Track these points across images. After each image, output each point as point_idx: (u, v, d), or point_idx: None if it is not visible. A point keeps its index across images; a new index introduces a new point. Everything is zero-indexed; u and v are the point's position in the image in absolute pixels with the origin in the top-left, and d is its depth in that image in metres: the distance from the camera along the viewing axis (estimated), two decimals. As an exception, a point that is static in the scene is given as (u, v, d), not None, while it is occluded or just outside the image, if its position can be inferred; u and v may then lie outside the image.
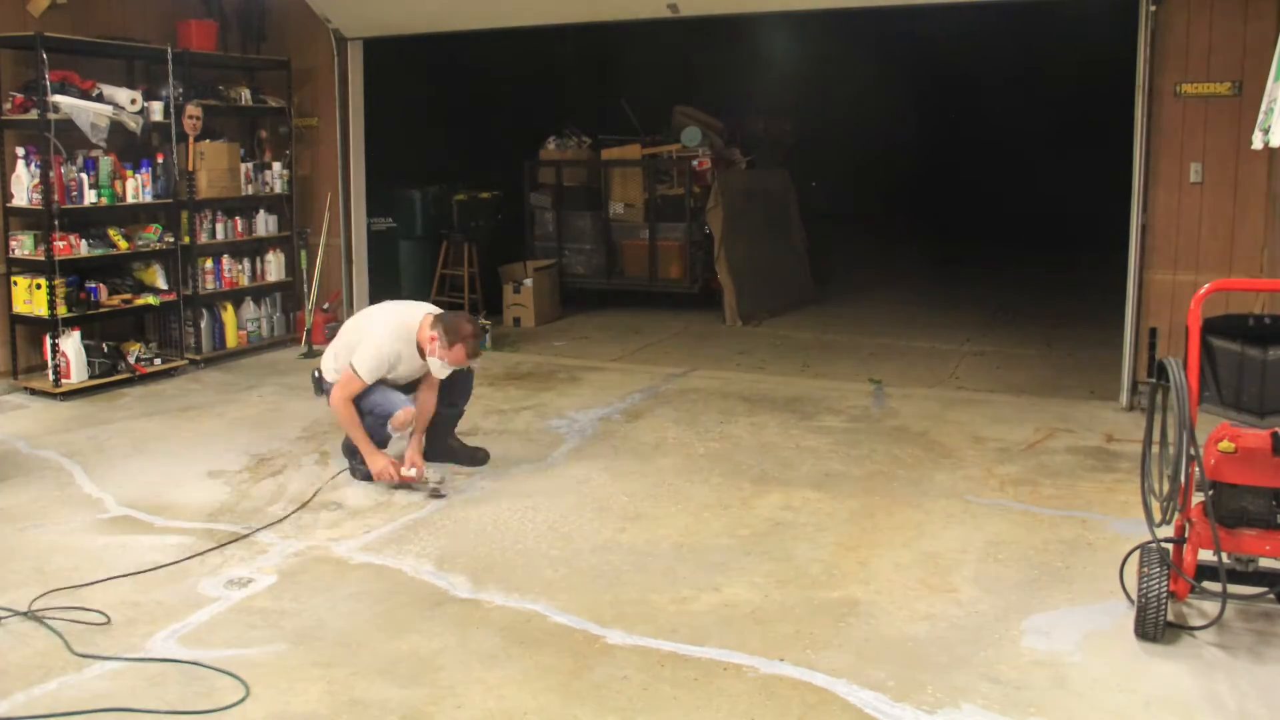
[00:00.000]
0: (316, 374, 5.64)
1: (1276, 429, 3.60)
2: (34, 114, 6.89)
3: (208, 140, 8.07)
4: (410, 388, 5.53)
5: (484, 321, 9.07)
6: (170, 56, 7.67)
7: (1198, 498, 3.75)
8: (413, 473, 5.30)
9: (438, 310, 5.45)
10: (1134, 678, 3.47)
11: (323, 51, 8.73)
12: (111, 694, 3.37)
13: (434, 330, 5.23)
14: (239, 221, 8.45)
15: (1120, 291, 6.88)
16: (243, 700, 3.33)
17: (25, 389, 7.17)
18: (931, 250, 13.14)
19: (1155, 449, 3.76)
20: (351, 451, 5.48)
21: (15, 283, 7.13)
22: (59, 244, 6.97)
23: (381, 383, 5.33)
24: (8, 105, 7.02)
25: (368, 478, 5.36)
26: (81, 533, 4.74)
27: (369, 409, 5.32)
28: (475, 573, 4.31)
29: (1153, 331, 4.00)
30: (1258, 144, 4.47)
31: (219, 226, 8.30)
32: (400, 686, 3.43)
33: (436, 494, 5.25)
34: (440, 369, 5.28)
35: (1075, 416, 6.62)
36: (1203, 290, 3.62)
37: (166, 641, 3.71)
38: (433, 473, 5.40)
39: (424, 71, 9.93)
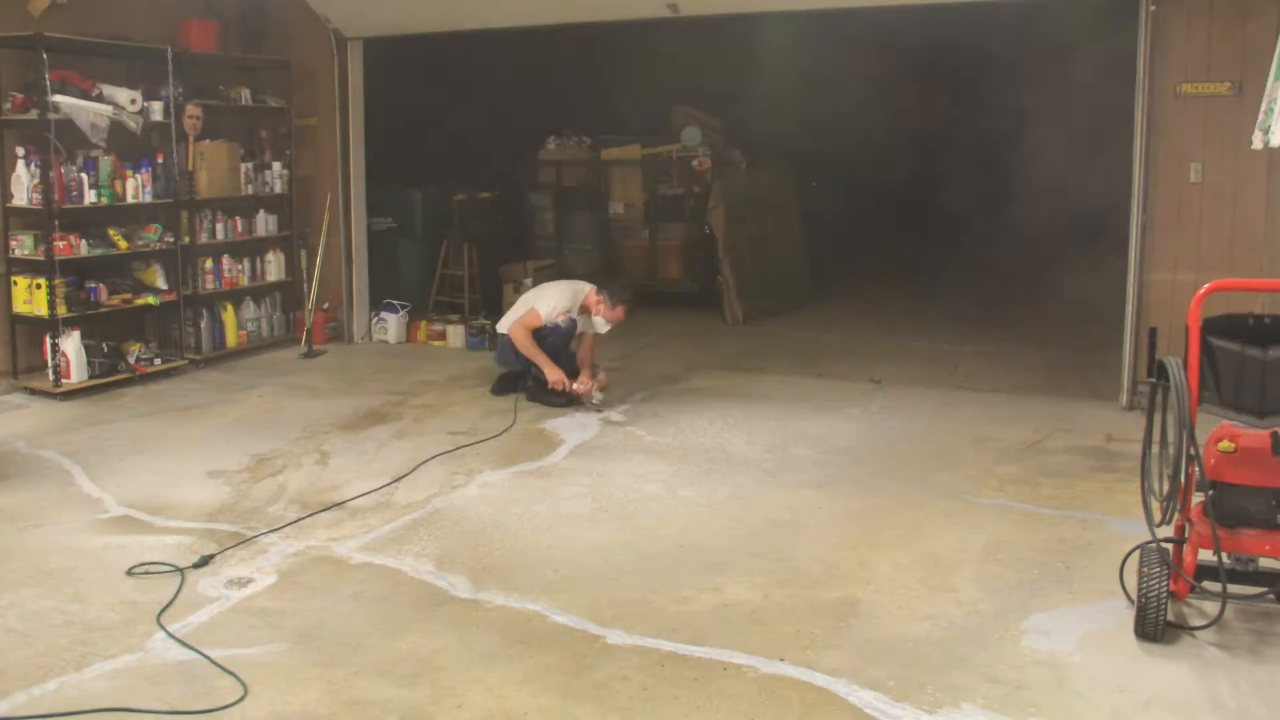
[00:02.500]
0: (490, 329, 7.68)
1: (1276, 429, 3.60)
2: (34, 114, 6.90)
3: (208, 140, 8.07)
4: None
5: (484, 321, 9.08)
6: (170, 56, 7.66)
7: (1198, 498, 3.75)
8: (580, 388, 6.83)
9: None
10: (1134, 678, 3.47)
11: (323, 51, 8.72)
12: (111, 694, 3.37)
13: (600, 296, 7.00)
14: (239, 221, 8.45)
15: (1120, 291, 6.88)
16: (242, 700, 3.33)
17: (25, 389, 7.17)
18: (932, 250, 13.14)
19: (1155, 449, 3.76)
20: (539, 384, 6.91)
21: (15, 283, 7.13)
22: (59, 244, 6.97)
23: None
24: (8, 105, 7.02)
25: (538, 397, 6.89)
26: (81, 533, 4.74)
27: (544, 337, 6.92)
28: (475, 573, 4.31)
29: (1153, 331, 3.98)
30: (1258, 144, 4.48)
31: (219, 226, 8.30)
32: (400, 686, 3.43)
33: (596, 409, 6.75)
34: (603, 325, 7.04)
35: (1075, 416, 6.62)
36: (1203, 290, 3.61)
37: (166, 641, 3.71)
38: (597, 394, 6.87)
39: (424, 71, 9.92)
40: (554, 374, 6.79)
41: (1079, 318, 9.60)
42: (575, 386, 6.82)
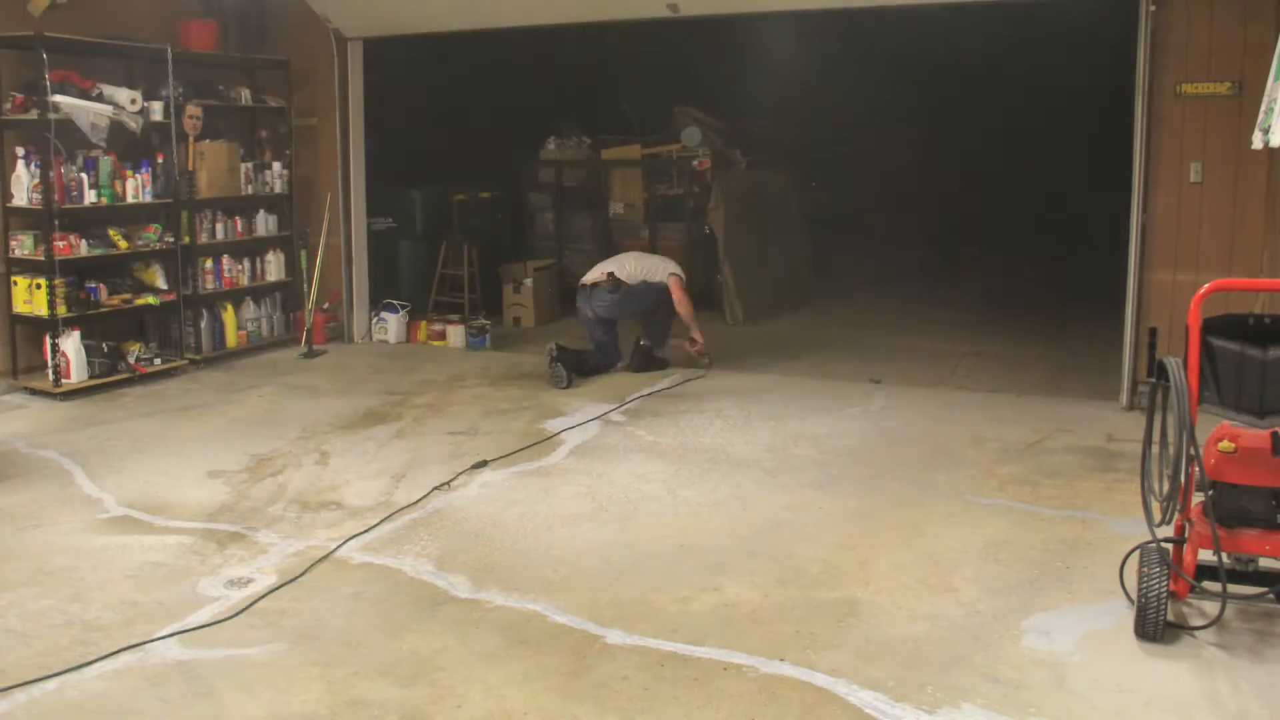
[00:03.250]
0: (582, 284, 8.11)
1: (1276, 429, 3.60)
2: (34, 114, 6.90)
3: (208, 140, 8.07)
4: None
5: (484, 321, 9.08)
6: (170, 56, 7.67)
7: (1198, 498, 3.75)
8: (696, 349, 7.96)
9: None
10: (1134, 678, 3.47)
11: (323, 51, 8.73)
12: (111, 694, 3.37)
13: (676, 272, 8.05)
14: (239, 221, 8.45)
15: (1120, 291, 6.88)
16: (242, 700, 3.33)
17: (25, 389, 7.18)
18: (931, 250, 13.14)
19: (1155, 449, 3.76)
20: (647, 352, 7.98)
21: (15, 283, 7.13)
22: (59, 244, 6.97)
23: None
24: (8, 105, 7.03)
25: (642, 368, 7.90)
26: (81, 533, 4.74)
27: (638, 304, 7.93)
28: (475, 573, 4.32)
29: (1153, 331, 3.98)
30: (1258, 144, 4.47)
31: (219, 226, 8.30)
32: (400, 686, 3.43)
33: (708, 366, 7.89)
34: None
35: (1075, 416, 6.62)
36: (1203, 290, 3.61)
37: (166, 641, 3.71)
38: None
39: (424, 71, 9.92)
40: (700, 334, 7.90)
41: (1080, 318, 9.61)
42: (700, 345, 7.90)
